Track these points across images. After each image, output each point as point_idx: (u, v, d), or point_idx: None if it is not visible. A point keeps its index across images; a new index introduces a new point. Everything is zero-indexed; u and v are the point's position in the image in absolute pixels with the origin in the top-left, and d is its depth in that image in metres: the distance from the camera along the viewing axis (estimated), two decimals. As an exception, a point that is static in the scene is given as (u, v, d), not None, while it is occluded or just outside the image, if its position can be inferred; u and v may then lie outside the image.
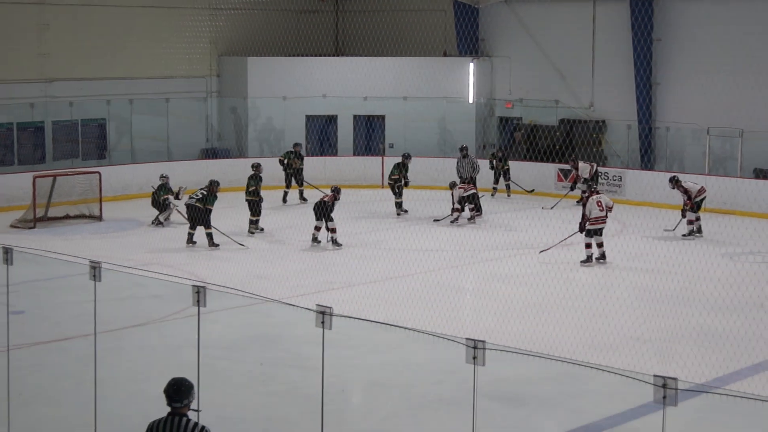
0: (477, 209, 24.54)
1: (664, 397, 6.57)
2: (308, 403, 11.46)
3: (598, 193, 19.94)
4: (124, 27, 29.95)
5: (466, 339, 7.50)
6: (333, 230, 21.09)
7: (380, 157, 30.46)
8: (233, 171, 28.33)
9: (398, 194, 25.44)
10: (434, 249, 21.04)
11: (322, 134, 32.20)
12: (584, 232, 19.41)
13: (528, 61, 31.65)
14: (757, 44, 26.94)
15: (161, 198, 23.86)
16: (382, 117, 32.10)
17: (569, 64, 30.82)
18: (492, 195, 27.68)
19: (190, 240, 21.44)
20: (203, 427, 7.30)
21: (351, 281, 18.21)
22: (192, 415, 7.49)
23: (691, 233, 22.32)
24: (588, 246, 19.30)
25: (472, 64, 32.06)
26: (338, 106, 31.84)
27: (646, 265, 19.49)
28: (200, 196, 21.35)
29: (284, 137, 31.67)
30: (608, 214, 19.64)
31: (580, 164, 26.83)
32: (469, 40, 32.44)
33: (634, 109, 29.19)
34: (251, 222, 22.68)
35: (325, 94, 31.65)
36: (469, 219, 24.27)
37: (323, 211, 21.01)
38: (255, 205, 22.73)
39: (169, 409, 7.38)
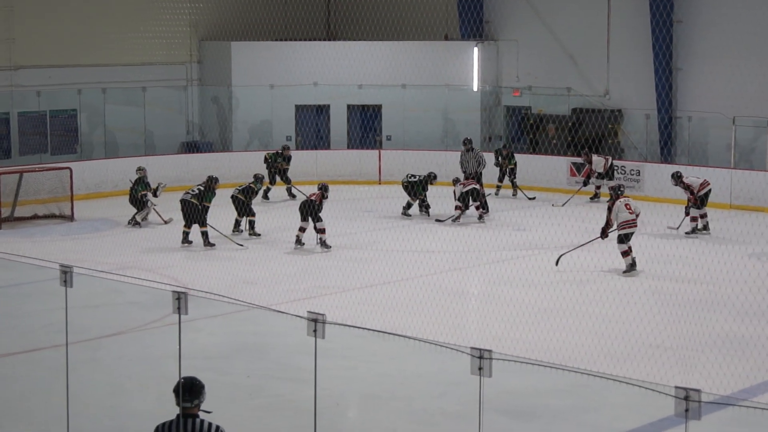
0: (483, 207, 24.62)
1: (687, 411, 6.60)
2: (300, 418, 11.50)
3: (625, 196, 19.71)
4: (96, 9, 29.97)
5: (471, 348, 7.54)
6: (321, 231, 21.10)
7: (376, 151, 30.52)
8: (216, 166, 28.27)
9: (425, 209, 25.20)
10: (436, 250, 21.08)
11: (313, 126, 32.22)
12: (617, 240, 19.08)
13: (537, 45, 31.69)
14: (786, 26, 27.00)
15: (139, 194, 23.88)
16: (379, 107, 32.15)
17: (582, 49, 30.86)
18: (495, 193, 27.66)
19: (186, 239, 21.58)
20: (218, 427, 7.38)
21: (345, 286, 18.24)
22: (203, 417, 7.57)
23: (694, 231, 22.39)
24: (625, 253, 18.94)
25: (476, 49, 32.10)
26: (330, 95, 31.87)
27: (667, 267, 19.54)
28: (197, 191, 21.65)
29: (272, 129, 31.71)
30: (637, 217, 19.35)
31: (594, 157, 26.91)
32: (472, 23, 32.48)
33: (653, 97, 29.24)
34: (251, 223, 22.69)
35: (316, 82, 31.69)
36: (478, 218, 24.30)
37: (310, 210, 21.04)
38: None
39: (177, 412, 7.45)
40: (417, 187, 24.63)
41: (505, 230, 23.54)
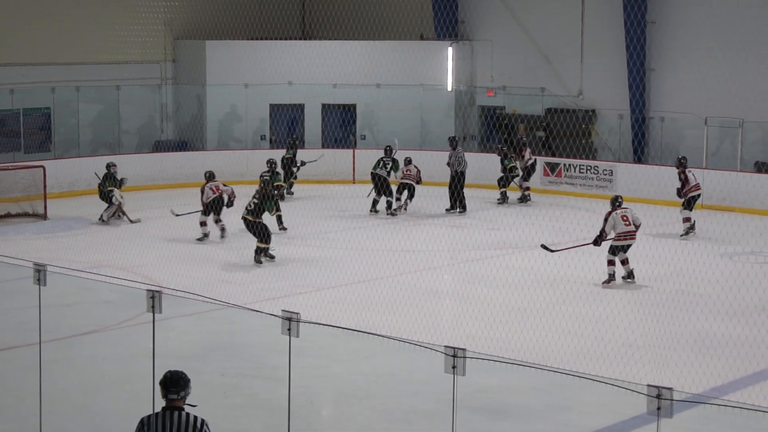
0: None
1: (659, 409, 6.64)
2: (274, 416, 11.51)
3: (623, 207, 18.39)
4: (70, 7, 29.83)
5: (445, 347, 7.55)
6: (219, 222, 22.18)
7: (351, 150, 30.49)
8: (191, 165, 28.27)
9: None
10: (410, 249, 21.09)
11: (288, 125, 32.16)
12: (609, 250, 18.20)
13: (511, 45, 31.75)
14: (758, 28, 27.12)
15: (106, 190, 23.80)
16: (353, 106, 32.14)
17: (556, 49, 30.94)
18: (500, 202, 27.26)
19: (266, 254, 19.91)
20: (203, 420, 7.44)
21: (320, 285, 18.22)
22: (189, 410, 7.59)
23: (687, 233, 22.50)
24: (610, 263, 18.13)
25: (450, 49, 32.13)
26: (305, 94, 31.82)
27: (640, 266, 19.60)
28: (253, 206, 19.67)
29: (247, 128, 31.65)
30: (636, 230, 18.35)
31: (527, 152, 27.31)
32: (447, 23, 32.49)
33: (626, 97, 29.34)
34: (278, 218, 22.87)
35: (290, 81, 31.64)
36: (398, 208, 25.25)
37: (218, 206, 22.13)
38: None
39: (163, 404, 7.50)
40: (393, 168, 25.12)
41: (478, 230, 23.59)
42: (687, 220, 22.61)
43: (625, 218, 18.19)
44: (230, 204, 22.21)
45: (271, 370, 13.30)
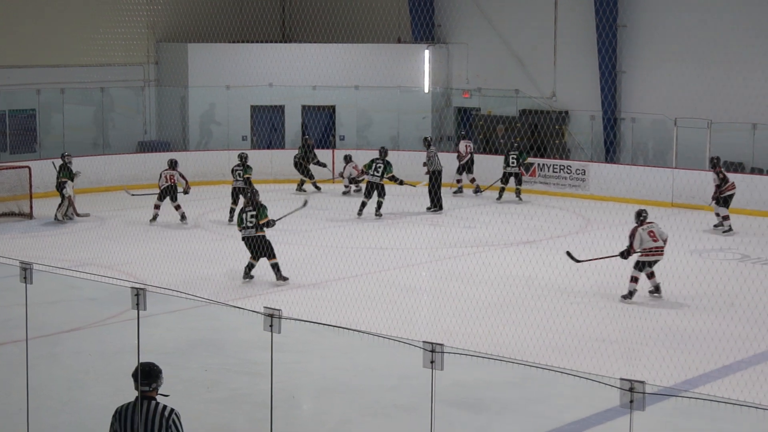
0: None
1: (632, 401, 6.64)
2: (256, 411, 11.49)
3: (648, 222, 17.33)
4: (55, 10, 29.69)
5: (423, 342, 7.54)
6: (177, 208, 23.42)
7: (330, 150, 30.46)
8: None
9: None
10: (388, 247, 21.08)
11: (268, 126, 32.11)
12: (635, 266, 17.17)
13: (486, 48, 31.79)
14: (726, 31, 27.24)
15: (60, 181, 23.74)
16: (333, 107, 32.11)
17: (530, 52, 31.00)
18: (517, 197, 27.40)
19: (248, 273, 18.27)
20: (173, 410, 7.56)
21: (301, 282, 18.19)
22: (160, 399, 7.67)
23: (729, 229, 22.63)
24: (634, 279, 17.09)
25: (427, 52, 32.15)
26: (285, 95, 31.78)
27: (611, 262, 19.64)
28: (253, 221, 18.02)
29: (228, 129, 31.58)
30: (664, 245, 17.30)
31: (462, 144, 27.54)
32: (424, 26, 32.52)
33: (598, 99, 29.42)
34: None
35: (271, 83, 31.58)
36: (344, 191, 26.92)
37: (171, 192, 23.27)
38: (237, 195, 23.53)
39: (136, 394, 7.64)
40: (386, 170, 24.71)
41: (455, 228, 23.60)
42: (726, 218, 22.71)
43: (652, 233, 17.13)
44: (186, 192, 23.67)
45: (253, 365, 13.27)
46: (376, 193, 24.50)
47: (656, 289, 17.20)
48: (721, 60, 27.29)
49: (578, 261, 17.90)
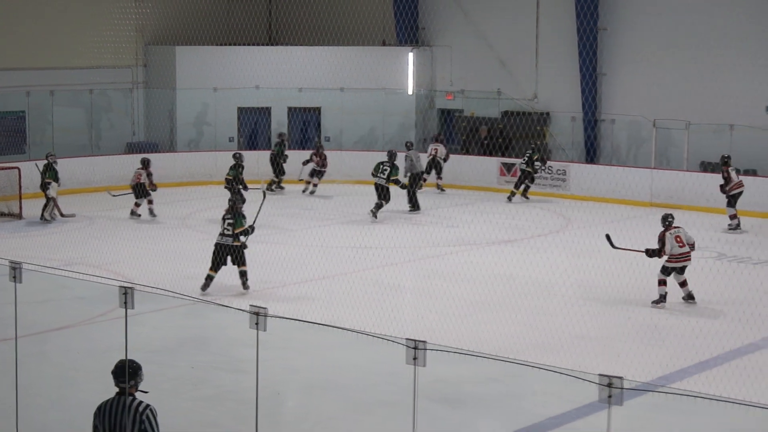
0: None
1: (610, 396, 6.68)
2: (242, 408, 11.47)
3: (675, 227, 17.03)
4: (45, 13, 29.60)
5: (406, 339, 7.57)
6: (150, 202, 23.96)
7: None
8: (161, 166, 28.13)
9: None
10: (372, 246, 21.12)
11: (255, 127, 32.09)
12: (661, 270, 16.80)
13: (469, 50, 31.83)
14: (703, 34, 27.36)
15: (44, 181, 23.70)
16: (318, 109, 32.10)
17: (512, 54, 31.06)
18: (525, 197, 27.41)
19: (207, 285, 17.37)
20: (148, 405, 7.65)
21: (286, 281, 18.20)
22: (140, 396, 7.74)
23: (736, 228, 22.88)
24: (662, 283, 16.66)
25: (411, 54, 32.17)
26: (272, 97, 31.76)
27: (590, 261, 19.72)
28: (230, 229, 17.21)
29: (215, 130, 31.55)
30: (691, 250, 16.98)
31: (439, 147, 27.51)
32: (408, 29, 32.54)
33: (579, 100, 29.50)
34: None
35: (258, 85, 31.56)
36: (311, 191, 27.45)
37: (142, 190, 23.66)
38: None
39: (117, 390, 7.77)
40: (392, 173, 24.27)
41: (437, 227, 23.62)
42: (733, 216, 22.84)
43: (678, 239, 16.77)
44: (152, 189, 24.11)
45: (239, 362, 13.27)
46: (379, 195, 24.29)
47: (689, 296, 16.75)
48: (699, 63, 27.41)
49: (615, 247, 17.55)
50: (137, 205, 24.20)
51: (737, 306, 16.06)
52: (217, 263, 17.10)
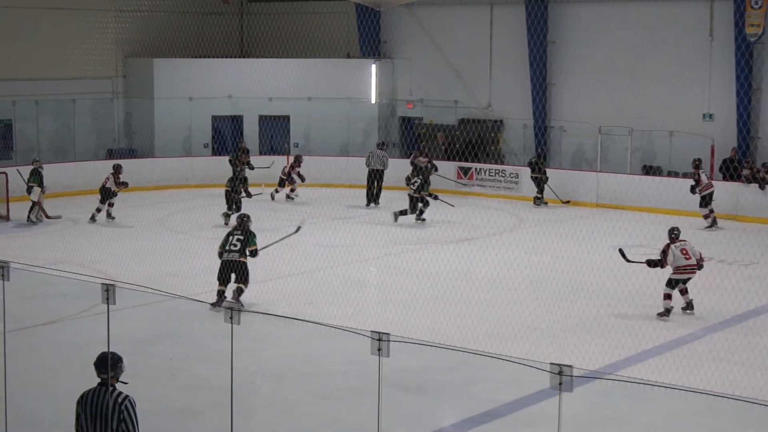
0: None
1: (560, 384, 6.72)
2: (217, 395, 11.43)
3: (681, 240, 16.12)
4: (28, 27, 29.35)
5: (371, 332, 7.58)
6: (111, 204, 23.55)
7: (285, 156, 30.37)
8: (140, 171, 28.09)
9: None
10: (338, 245, 21.11)
11: (228, 134, 31.98)
12: (667, 283, 15.93)
13: (428, 62, 31.88)
14: (644, 47, 27.57)
15: (29, 186, 23.50)
16: (287, 117, 32.03)
17: (468, 66, 31.13)
18: (537, 204, 26.92)
19: (220, 301, 15.60)
20: (127, 396, 7.61)
21: (257, 278, 18.05)
22: (120, 387, 7.71)
23: (711, 225, 23.10)
24: (667, 297, 15.79)
25: (374, 66, 32.17)
26: (244, 106, 31.66)
27: (541, 258, 19.81)
28: (238, 245, 16.20)
29: (191, 137, 31.42)
30: (699, 263, 16.02)
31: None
32: (371, 42, 32.55)
33: (530, 108, 29.62)
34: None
35: (230, 95, 31.45)
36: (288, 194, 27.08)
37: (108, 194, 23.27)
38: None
39: (99, 381, 7.74)
40: (424, 188, 23.78)
41: (400, 227, 23.59)
42: (707, 216, 23.01)
43: (684, 251, 15.88)
44: (115, 193, 23.65)
45: (214, 353, 13.20)
46: (416, 204, 23.84)
47: (688, 306, 15.97)
48: (641, 73, 27.62)
49: (628, 260, 16.52)
50: (98, 210, 23.56)
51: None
52: (223, 279, 16.18)
